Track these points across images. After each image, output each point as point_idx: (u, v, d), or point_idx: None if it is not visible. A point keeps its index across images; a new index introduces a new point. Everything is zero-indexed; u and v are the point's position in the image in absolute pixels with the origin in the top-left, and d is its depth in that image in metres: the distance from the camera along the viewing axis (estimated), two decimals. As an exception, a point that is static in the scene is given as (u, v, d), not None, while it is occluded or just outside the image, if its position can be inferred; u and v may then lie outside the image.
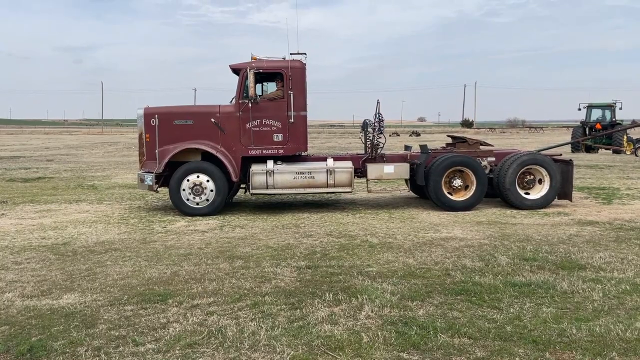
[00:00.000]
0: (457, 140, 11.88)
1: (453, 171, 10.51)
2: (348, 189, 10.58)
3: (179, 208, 10.37)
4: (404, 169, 10.76)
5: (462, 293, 5.33)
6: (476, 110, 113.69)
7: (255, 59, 10.41)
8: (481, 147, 11.51)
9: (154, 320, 4.68)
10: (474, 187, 10.43)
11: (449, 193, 10.48)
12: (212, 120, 10.34)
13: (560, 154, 11.85)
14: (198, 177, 10.25)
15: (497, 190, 10.69)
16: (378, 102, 11.14)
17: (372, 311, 4.82)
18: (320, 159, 10.82)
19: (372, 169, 10.72)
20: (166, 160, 10.22)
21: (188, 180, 10.24)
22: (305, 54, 10.64)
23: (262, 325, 4.50)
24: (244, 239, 8.11)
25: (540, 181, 10.59)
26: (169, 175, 10.41)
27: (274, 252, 7.15)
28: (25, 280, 5.92)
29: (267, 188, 10.37)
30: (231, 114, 10.42)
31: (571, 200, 10.73)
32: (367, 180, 10.90)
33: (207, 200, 10.28)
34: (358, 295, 5.22)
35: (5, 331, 4.43)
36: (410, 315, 4.74)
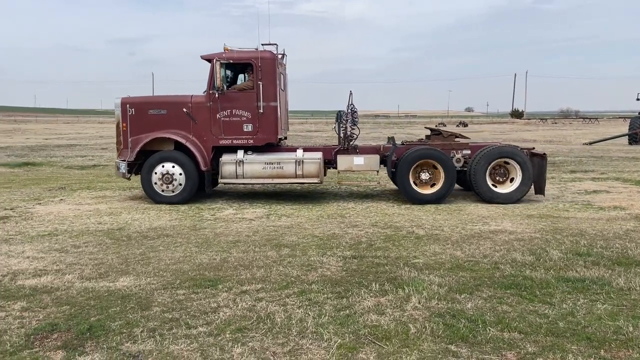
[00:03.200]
0: (434, 133, 11.67)
1: (421, 164, 10.40)
2: (315, 180, 10.54)
3: (150, 196, 10.56)
4: (374, 161, 10.68)
5: (512, 287, 5.22)
6: (527, 100, 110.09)
7: (227, 50, 10.49)
8: (457, 139, 11.33)
9: (205, 304, 4.82)
10: (441, 180, 10.28)
11: (414, 183, 10.37)
12: (184, 110, 10.50)
13: (533, 148, 11.22)
14: (168, 166, 10.43)
15: (469, 183, 10.53)
16: (351, 93, 11.17)
17: (419, 303, 4.80)
18: (290, 150, 10.91)
19: (342, 161, 10.72)
20: (137, 149, 10.46)
21: (159, 169, 10.43)
22: (276, 44, 10.73)
23: (310, 313, 4.57)
24: (290, 227, 8.21)
25: (512, 175, 10.34)
26: (142, 164, 10.59)
27: (320, 242, 7.20)
28: (84, 263, 6.20)
29: (236, 178, 10.50)
30: (202, 104, 10.52)
31: (544, 195, 10.40)
32: (337, 171, 10.95)
33: (177, 189, 10.46)
34: (404, 287, 5.21)
35: (66, 311, 4.67)
36: (458, 308, 4.69)
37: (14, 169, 17.21)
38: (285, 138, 12.16)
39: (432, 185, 10.40)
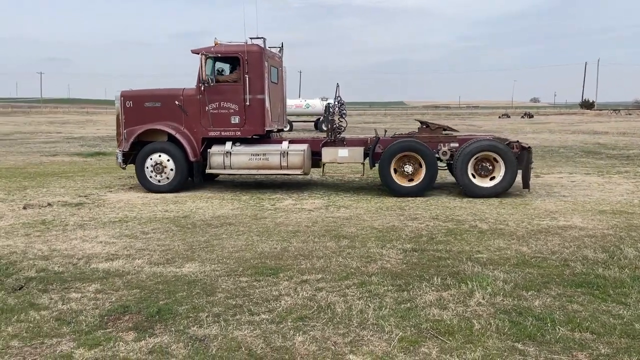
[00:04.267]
0: (422, 126, 11.38)
1: (404, 157, 10.31)
2: (299, 171, 10.69)
3: (143, 185, 10.94)
4: (358, 153, 10.72)
5: (582, 285, 4.99)
6: (598, 90, 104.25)
7: (217, 44, 10.66)
8: (446, 132, 11.11)
9: (266, 292, 4.91)
10: (422, 173, 10.19)
11: (396, 176, 10.31)
12: (176, 102, 10.83)
13: (517, 141, 10.68)
14: (159, 156, 10.79)
15: (453, 176, 10.31)
16: (337, 86, 11.25)
17: (483, 298, 4.67)
18: (277, 142, 11.07)
19: (327, 153, 10.82)
20: (131, 140, 10.90)
21: (151, 159, 10.81)
22: (264, 38, 10.80)
23: (370, 305, 4.55)
24: (348, 219, 8.21)
25: (496, 169, 10.06)
26: (137, 154, 11.00)
27: (379, 234, 7.16)
28: (152, 249, 6.47)
29: (224, 168, 10.83)
30: (192, 96, 10.81)
31: (528, 189, 10.13)
32: (322, 164, 11.03)
33: (167, 178, 10.81)
34: (468, 282, 5.08)
35: (136, 294, 4.89)
36: (525, 305, 4.53)
37: (86, 158, 18.18)
38: (282, 130, 12.44)
39: (413, 178, 10.30)
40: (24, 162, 16.80)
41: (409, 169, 10.29)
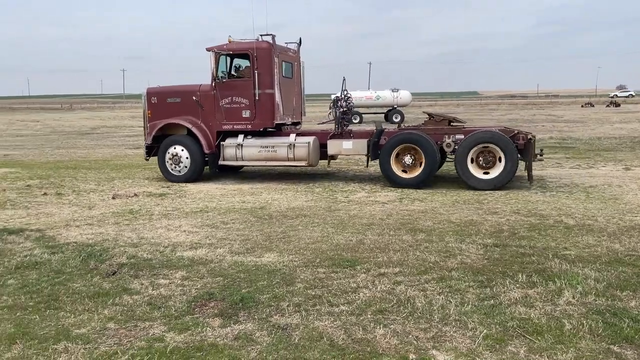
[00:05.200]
0: (429, 117, 11.35)
1: (404, 148, 10.35)
2: (304, 163, 11.00)
3: (164, 175, 11.65)
4: (361, 145, 10.88)
5: (686, 287, 4.61)
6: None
7: (231, 41, 11.19)
8: (454, 124, 10.94)
9: (344, 284, 4.92)
10: (422, 165, 10.20)
11: (403, 171, 10.38)
12: (194, 98, 11.41)
13: (516, 131, 10.21)
14: (175, 148, 11.42)
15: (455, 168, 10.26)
16: (344, 80, 11.54)
17: (573, 297, 4.43)
18: (285, 135, 11.37)
19: (332, 145, 11.06)
20: (153, 133, 11.63)
21: (170, 151, 11.46)
22: (273, 35, 11.11)
23: (451, 300, 4.45)
24: (424, 212, 8.06)
25: (499, 160, 9.84)
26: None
27: (457, 228, 6.98)
28: (232, 239, 6.67)
29: (236, 160, 11.30)
30: (208, 92, 11.36)
31: (530, 182, 9.98)
32: (328, 156, 11.23)
33: (184, 169, 11.43)
34: (555, 279, 4.84)
35: (220, 282, 5.07)
36: (620, 305, 4.25)
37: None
38: (298, 123, 12.67)
39: (414, 169, 10.32)
40: (111, 155, 17.90)
41: (408, 160, 10.33)
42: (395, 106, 36.75)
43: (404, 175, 10.35)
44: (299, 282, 5.00)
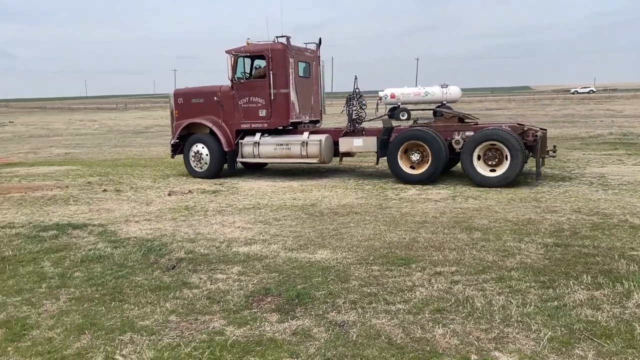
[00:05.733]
0: (437, 115, 11.57)
1: (411, 145, 10.49)
2: (315, 160, 11.29)
3: (189, 171, 12.25)
4: (371, 143, 11.04)
5: None
6: None
7: (249, 44, 11.55)
8: (467, 121, 11.02)
9: (400, 282, 4.87)
10: (429, 161, 10.28)
11: (411, 167, 10.50)
12: (215, 98, 11.94)
13: (526, 128, 10.24)
14: (198, 146, 11.98)
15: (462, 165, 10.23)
16: (355, 78, 11.88)
17: (643, 300, 4.22)
18: (299, 133, 11.66)
19: (343, 142, 11.35)
20: (177, 133, 12.33)
21: (192, 149, 12.04)
22: (289, 37, 11.42)
23: (512, 301, 4.32)
24: (478, 210, 7.88)
25: (505, 158, 9.74)
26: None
27: (515, 227, 6.77)
28: (285, 235, 6.73)
29: (253, 157, 11.76)
30: (228, 92, 11.86)
31: (537, 178, 9.89)
32: (340, 153, 11.49)
33: (205, 165, 11.98)
34: (623, 281, 4.63)
35: (275, 277, 5.12)
36: (696, 311, 4.01)
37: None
38: (317, 121, 12.93)
39: (422, 166, 10.41)
40: (165, 153, 18.41)
41: (416, 157, 10.45)
42: (445, 102, 36.10)
43: (411, 172, 10.50)
44: (353, 279, 4.99)
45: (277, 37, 11.53)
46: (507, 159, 9.70)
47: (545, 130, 11.12)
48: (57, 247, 6.34)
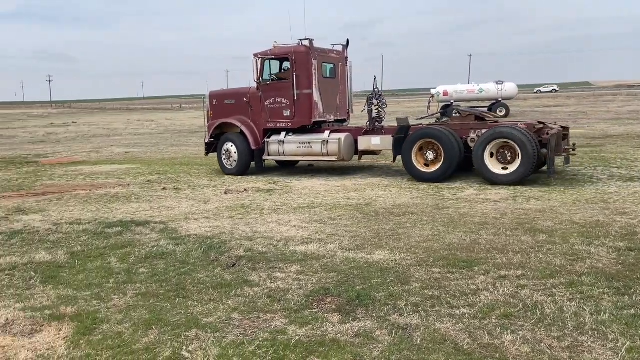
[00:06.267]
0: (455, 113, 11.71)
1: (426, 143, 10.68)
2: (334, 158, 11.63)
3: (221, 169, 12.91)
4: (388, 141, 11.29)
5: None
6: None
7: (275, 47, 12.05)
8: (487, 119, 11.13)
9: (463, 285, 4.73)
10: (441, 159, 10.44)
11: (425, 164, 10.71)
12: (244, 99, 12.51)
13: (542, 126, 10.22)
14: (228, 145, 12.63)
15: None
16: (375, 78, 12.28)
17: None
18: (321, 132, 11.99)
19: (362, 141, 11.70)
20: (210, 132, 13.07)
21: (224, 148, 12.69)
22: (312, 39, 11.76)
23: (585, 308, 4.11)
24: (542, 211, 7.57)
25: (518, 156, 9.77)
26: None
27: (582, 229, 6.46)
28: (341, 235, 6.70)
29: (279, 155, 12.27)
30: (255, 94, 12.42)
31: (548, 176, 9.77)
32: (359, 151, 11.80)
33: (234, 162, 12.58)
34: None
35: (334, 277, 5.09)
36: None
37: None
38: (344, 120, 13.21)
39: (436, 163, 10.57)
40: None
41: (430, 155, 10.64)
42: (500, 99, 35.06)
43: (425, 169, 10.73)
44: (414, 281, 4.89)
45: (300, 40, 11.96)
46: (519, 157, 9.73)
47: (566, 128, 11.11)
48: (122, 243, 6.57)
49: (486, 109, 35.79)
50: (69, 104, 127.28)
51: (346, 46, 12.97)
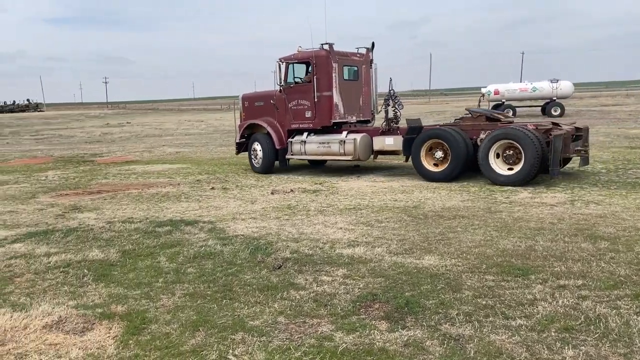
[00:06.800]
0: (466, 113, 11.72)
1: (434, 144, 10.86)
2: (350, 157, 11.97)
3: (251, 167, 13.57)
4: (400, 141, 11.47)
5: None
6: None
7: (299, 51, 12.47)
8: (502, 120, 11.04)
9: (519, 294, 4.50)
10: (449, 160, 10.60)
11: (434, 164, 10.90)
12: (271, 101, 13.09)
13: (550, 126, 10.22)
14: (254, 144, 13.31)
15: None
16: (390, 80, 12.50)
17: None
18: (339, 132, 12.31)
19: (377, 141, 11.97)
20: (240, 132, 13.79)
21: (252, 147, 13.36)
22: (332, 43, 12.17)
23: (654, 323, 3.81)
24: (602, 217, 7.16)
25: (519, 157, 9.85)
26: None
27: (648, 236, 6.05)
28: (389, 238, 6.55)
29: (301, 154, 12.75)
30: (280, 96, 12.94)
31: (551, 177, 9.74)
32: (374, 151, 12.05)
33: (260, 161, 13.17)
34: None
35: (381, 282, 4.96)
36: None
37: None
38: (367, 121, 13.41)
39: (445, 163, 10.72)
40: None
41: (439, 155, 10.78)
42: (554, 98, 33.74)
43: (433, 169, 10.92)
44: (465, 289, 4.69)
45: (322, 44, 12.37)
46: (521, 158, 9.80)
47: (581, 128, 10.81)
48: (172, 242, 6.66)
49: (539, 108, 34.62)
50: (123, 104, 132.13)
51: (371, 49, 13.26)
